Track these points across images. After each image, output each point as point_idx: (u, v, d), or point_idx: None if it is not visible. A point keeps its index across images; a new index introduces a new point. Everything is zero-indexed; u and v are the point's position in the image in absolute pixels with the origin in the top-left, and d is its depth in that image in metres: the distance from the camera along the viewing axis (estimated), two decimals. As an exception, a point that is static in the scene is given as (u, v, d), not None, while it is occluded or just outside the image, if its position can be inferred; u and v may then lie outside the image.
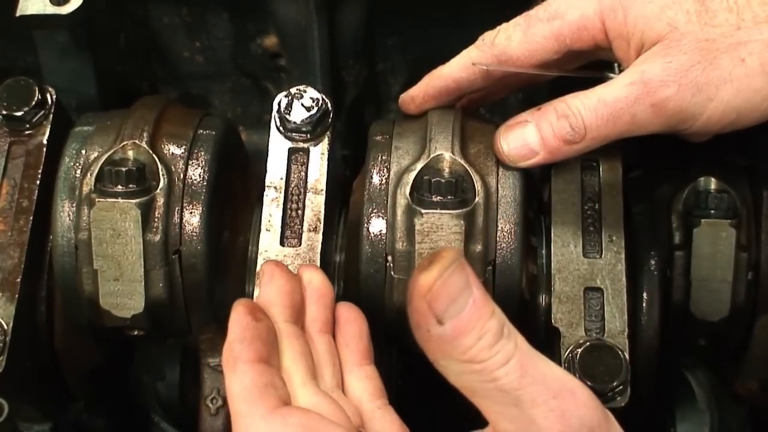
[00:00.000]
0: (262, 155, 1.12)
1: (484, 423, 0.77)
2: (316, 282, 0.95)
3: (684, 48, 0.95)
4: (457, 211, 0.98)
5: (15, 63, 1.38)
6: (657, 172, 1.20)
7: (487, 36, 1.06)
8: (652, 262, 1.13)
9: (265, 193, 1.09)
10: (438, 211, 0.99)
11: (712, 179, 1.14)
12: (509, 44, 1.04)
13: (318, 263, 1.06)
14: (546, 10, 1.03)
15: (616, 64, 1.07)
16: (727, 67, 0.94)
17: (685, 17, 0.96)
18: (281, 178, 1.09)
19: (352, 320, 0.94)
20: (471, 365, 0.71)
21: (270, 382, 0.81)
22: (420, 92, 1.11)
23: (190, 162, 1.07)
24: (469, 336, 0.70)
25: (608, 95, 0.97)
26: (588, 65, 1.09)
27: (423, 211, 0.99)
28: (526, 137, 1.01)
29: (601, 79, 1.08)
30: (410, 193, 1.01)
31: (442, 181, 0.99)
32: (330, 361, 0.90)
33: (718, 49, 0.94)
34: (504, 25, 1.06)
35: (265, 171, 1.10)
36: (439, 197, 0.99)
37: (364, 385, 0.89)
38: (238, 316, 0.85)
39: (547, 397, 0.71)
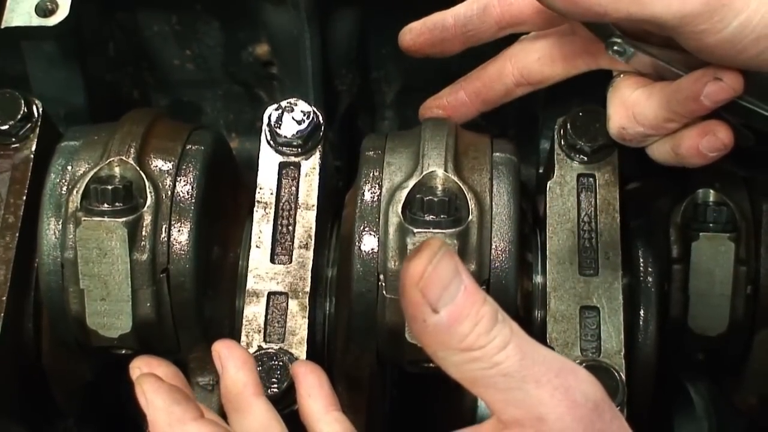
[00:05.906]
0: (255, 162, 1.10)
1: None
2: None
3: None
4: (450, 230, 0.96)
5: (4, 71, 1.36)
6: (655, 184, 1.19)
7: None
8: (650, 276, 1.12)
9: (255, 209, 1.07)
10: (430, 230, 0.96)
11: (711, 191, 1.12)
12: None
13: (309, 280, 1.04)
14: None
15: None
16: None
17: None
18: (271, 194, 1.07)
19: (309, 373, 0.94)
20: (470, 353, 0.69)
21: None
22: (418, 24, 1.10)
23: (179, 178, 1.05)
24: (465, 322, 0.69)
25: None
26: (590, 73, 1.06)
27: (415, 230, 0.97)
28: None
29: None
30: (402, 211, 0.99)
31: (435, 199, 0.96)
32: None
33: None
34: None
35: (256, 185, 1.08)
36: (431, 216, 0.96)
37: (334, 429, 0.89)
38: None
39: (550, 376, 0.70)
